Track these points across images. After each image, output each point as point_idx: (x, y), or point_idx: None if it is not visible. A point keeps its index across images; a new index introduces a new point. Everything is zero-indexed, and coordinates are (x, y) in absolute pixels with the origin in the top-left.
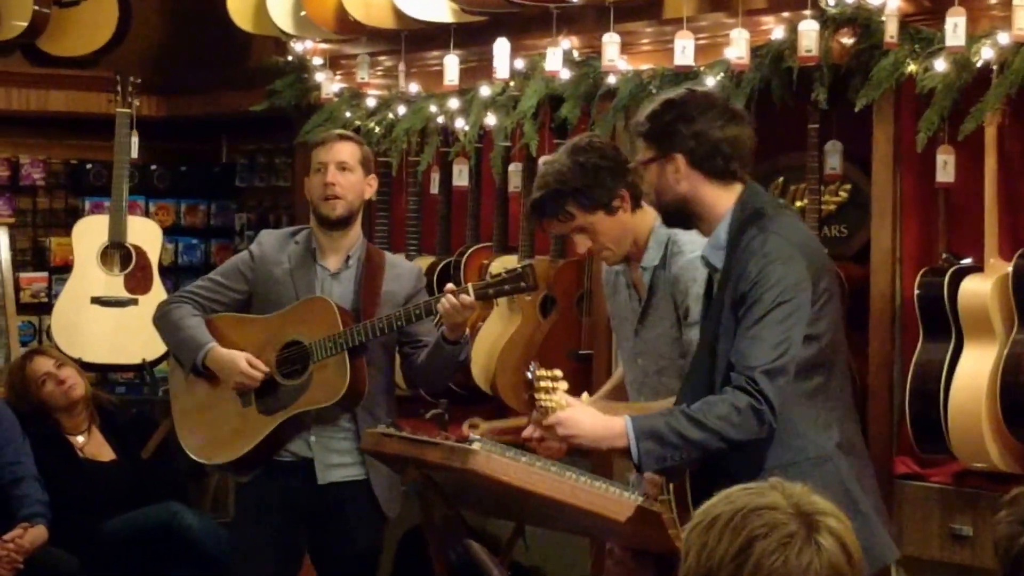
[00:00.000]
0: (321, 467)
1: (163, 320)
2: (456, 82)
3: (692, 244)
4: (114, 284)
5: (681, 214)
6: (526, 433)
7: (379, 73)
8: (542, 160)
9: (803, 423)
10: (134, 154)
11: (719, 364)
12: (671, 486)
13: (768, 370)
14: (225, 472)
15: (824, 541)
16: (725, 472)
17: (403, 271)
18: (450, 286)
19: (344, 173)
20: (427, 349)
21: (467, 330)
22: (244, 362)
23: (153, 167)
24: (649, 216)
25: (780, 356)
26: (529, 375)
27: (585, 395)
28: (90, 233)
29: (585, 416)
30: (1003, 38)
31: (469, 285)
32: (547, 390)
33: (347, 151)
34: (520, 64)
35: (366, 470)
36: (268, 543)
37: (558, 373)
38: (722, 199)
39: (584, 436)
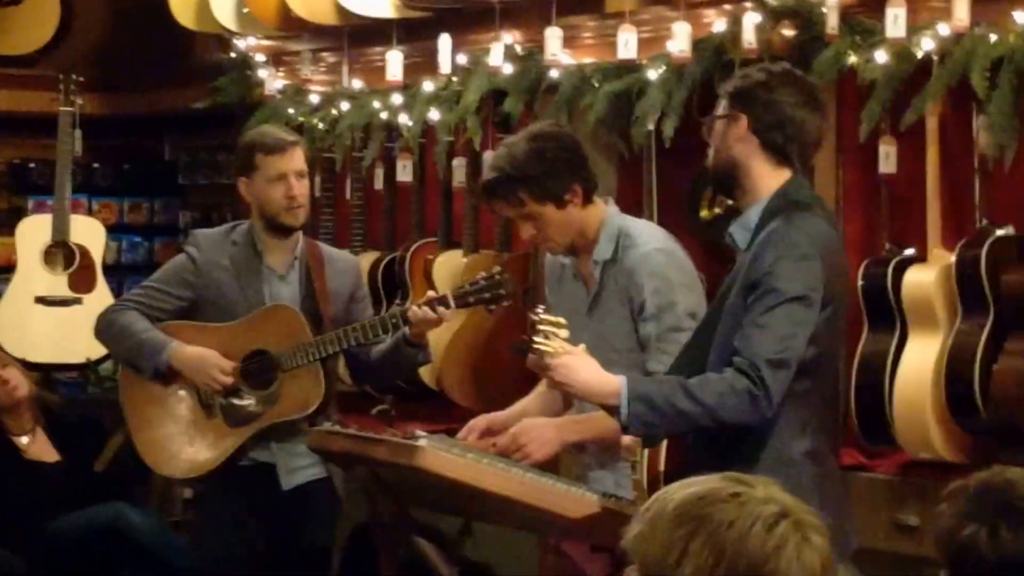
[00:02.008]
0: (284, 472)
1: (109, 328)
2: (399, 78)
3: (645, 237)
4: (58, 283)
5: (727, 178)
6: (502, 443)
7: (322, 69)
8: (502, 141)
9: (780, 422)
10: (78, 152)
11: (716, 342)
12: (645, 453)
13: (772, 360)
14: (184, 483)
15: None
16: (696, 456)
17: (343, 266)
18: (430, 294)
19: (302, 181)
20: (381, 347)
21: None
22: (215, 360)
23: (96, 165)
24: (599, 209)
25: (785, 349)
26: (533, 316)
27: (583, 345)
28: (33, 232)
29: (583, 366)
30: (943, 29)
31: (448, 295)
32: (547, 335)
33: (301, 157)
34: (463, 59)
35: (326, 467)
36: (236, 552)
37: (561, 320)
38: (768, 178)
39: (578, 385)
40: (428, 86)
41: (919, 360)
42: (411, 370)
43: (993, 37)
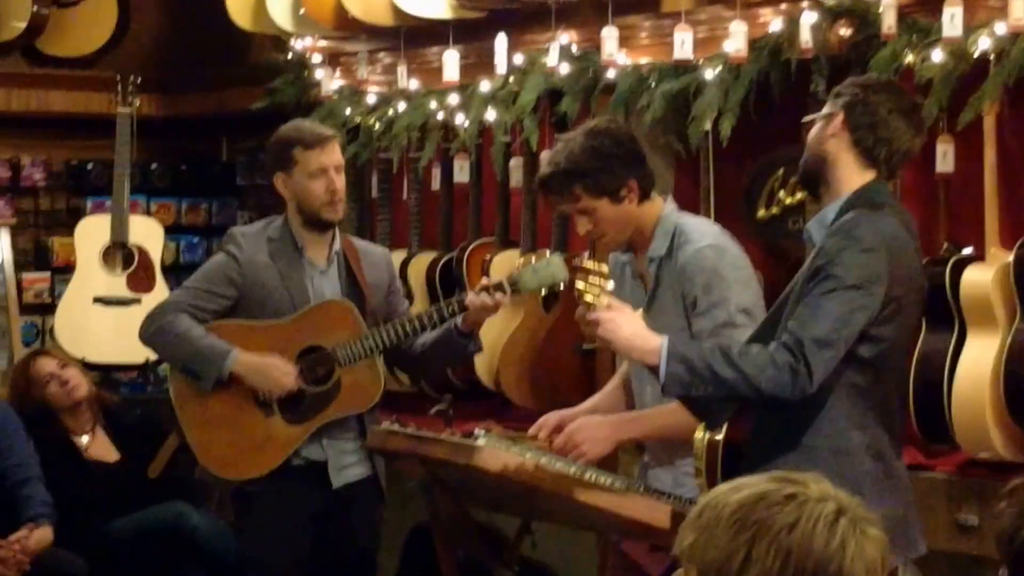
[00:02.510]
0: (334, 470)
1: (163, 334)
2: (456, 78)
3: (699, 233)
4: (117, 284)
5: (815, 173)
6: (557, 443)
7: (379, 70)
8: (558, 137)
9: (839, 413)
10: (136, 153)
11: (780, 333)
12: (704, 456)
13: (818, 339)
14: (243, 483)
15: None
16: (755, 442)
17: (377, 259)
18: (485, 280)
19: (341, 175)
20: (430, 338)
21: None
22: (280, 365)
23: (153, 166)
24: (656, 207)
25: (834, 331)
26: (577, 261)
27: (629, 307)
28: (92, 233)
29: (626, 322)
30: (1000, 28)
31: (504, 280)
32: (592, 284)
33: (339, 150)
34: (519, 59)
35: (372, 465)
36: (286, 552)
37: (604, 269)
38: (853, 177)
39: (619, 341)
40: (484, 86)
41: (977, 359)
42: (462, 361)
43: None
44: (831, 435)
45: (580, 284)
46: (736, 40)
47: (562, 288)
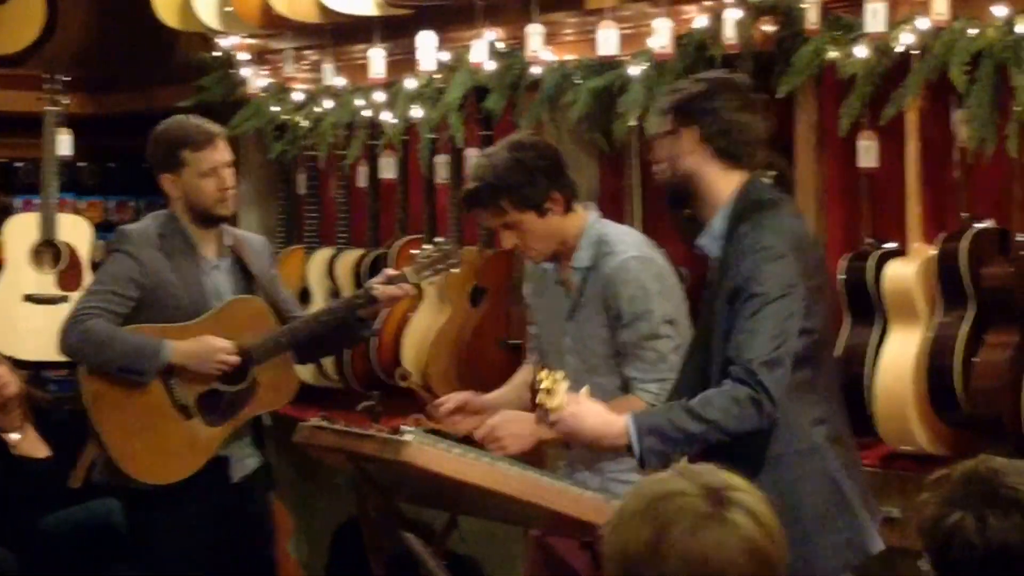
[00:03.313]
0: (234, 464)
1: (87, 341)
2: (382, 75)
3: (623, 244)
4: (46, 281)
5: (684, 191)
6: (479, 433)
7: (305, 67)
8: (481, 152)
9: (791, 415)
10: (67, 151)
11: (713, 356)
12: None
13: (766, 361)
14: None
15: (736, 517)
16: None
17: (258, 246)
18: (388, 272)
19: (231, 170)
20: (322, 323)
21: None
22: (214, 342)
23: (81, 164)
24: (580, 217)
25: (777, 348)
26: (536, 381)
27: (586, 388)
28: (20, 231)
29: (588, 413)
30: (922, 23)
31: (405, 271)
32: (548, 391)
33: (227, 146)
34: (445, 56)
35: (262, 453)
36: (196, 547)
37: (558, 376)
38: (724, 182)
39: (587, 433)
40: (410, 83)
41: (900, 353)
42: (356, 344)
43: (972, 31)
44: (793, 439)
45: (542, 398)
46: (661, 36)
47: (455, 272)
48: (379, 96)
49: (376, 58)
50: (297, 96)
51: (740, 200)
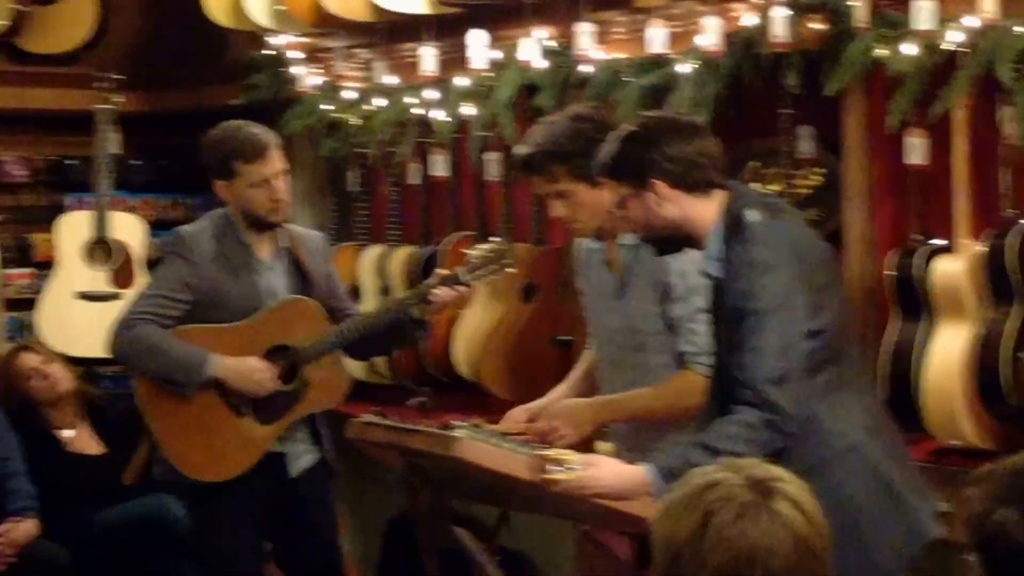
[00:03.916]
0: (291, 460)
1: (136, 346)
2: (433, 73)
3: None
4: (98, 279)
5: (675, 239)
6: (537, 427)
7: (356, 65)
8: (541, 119)
9: (825, 420)
10: (117, 149)
11: (724, 376)
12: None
13: (773, 379)
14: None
15: (780, 507)
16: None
17: (314, 245)
18: (441, 272)
19: (284, 179)
20: (373, 324)
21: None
22: (259, 367)
23: (133, 162)
24: None
25: (782, 362)
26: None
27: (601, 445)
28: (73, 229)
29: (605, 472)
30: (970, 21)
31: (458, 271)
32: (559, 463)
33: (281, 155)
34: (496, 54)
35: (320, 449)
36: (251, 547)
37: (561, 453)
38: (708, 211)
39: (608, 491)
40: (461, 81)
41: (948, 349)
42: (409, 345)
43: (1020, 29)
44: (832, 442)
45: (554, 474)
46: (710, 35)
47: (510, 272)
48: (430, 94)
49: (427, 56)
50: (348, 94)
51: (727, 218)
